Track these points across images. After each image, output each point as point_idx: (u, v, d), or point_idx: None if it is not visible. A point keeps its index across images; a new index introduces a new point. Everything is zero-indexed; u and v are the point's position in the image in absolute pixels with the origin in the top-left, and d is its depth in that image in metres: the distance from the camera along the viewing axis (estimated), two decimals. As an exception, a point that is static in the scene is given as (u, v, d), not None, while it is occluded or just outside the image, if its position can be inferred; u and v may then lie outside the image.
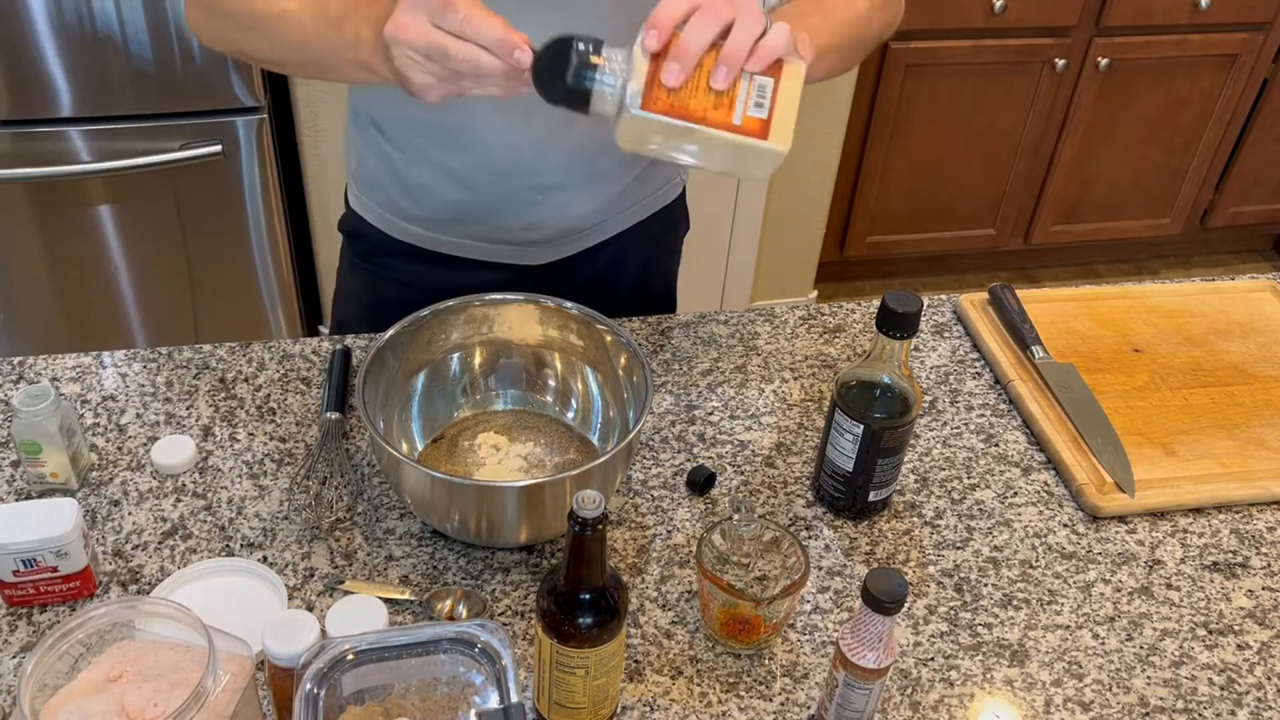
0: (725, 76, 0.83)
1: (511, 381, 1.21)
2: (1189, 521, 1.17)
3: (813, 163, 2.68)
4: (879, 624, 0.85)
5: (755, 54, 0.84)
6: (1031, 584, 1.09)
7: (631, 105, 0.83)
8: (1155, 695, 1.00)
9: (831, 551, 1.10)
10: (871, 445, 1.06)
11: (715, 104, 0.84)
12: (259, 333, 2.40)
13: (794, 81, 0.85)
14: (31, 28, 1.91)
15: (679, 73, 0.83)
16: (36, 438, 1.05)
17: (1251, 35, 2.83)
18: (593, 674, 0.87)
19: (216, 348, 1.28)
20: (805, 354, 1.34)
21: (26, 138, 2.03)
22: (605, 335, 1.13)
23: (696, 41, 0.83)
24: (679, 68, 0.83)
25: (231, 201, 2.19)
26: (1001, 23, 2.65)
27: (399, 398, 1.14)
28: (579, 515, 0.80)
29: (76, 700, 0.77)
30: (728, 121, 0.84)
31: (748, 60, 0.84)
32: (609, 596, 0.85)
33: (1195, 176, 3.10)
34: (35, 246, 2.17)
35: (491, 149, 1.18)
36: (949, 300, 1.45)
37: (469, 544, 1.07)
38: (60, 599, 1.00)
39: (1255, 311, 1.45)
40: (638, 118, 0.83)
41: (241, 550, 1.06)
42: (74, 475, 1.09)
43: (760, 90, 0.85)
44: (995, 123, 2.85)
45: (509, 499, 1.01)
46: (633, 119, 0.83)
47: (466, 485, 1.04)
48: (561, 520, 0.94)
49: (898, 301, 1.00)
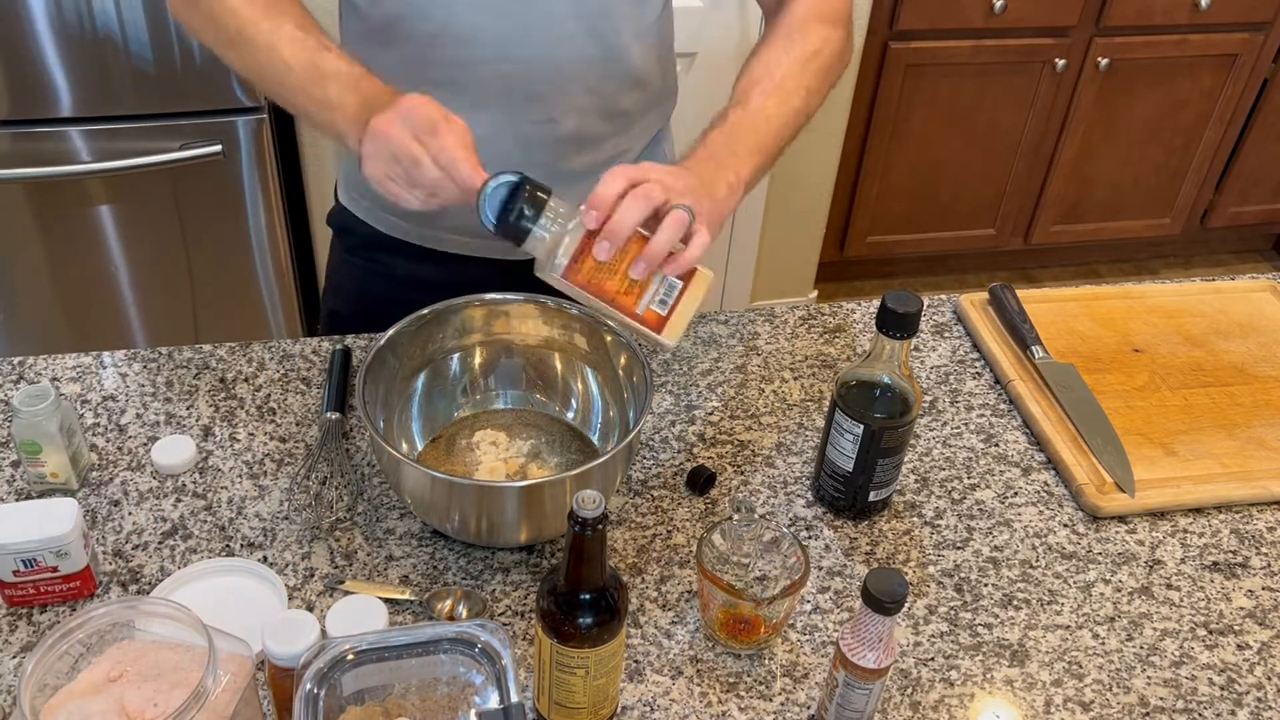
0: (643, 270, 0.93)
1: (511, 381, 1.21)
2: (1189, 521, 1.17)
3: (813, 163, 2.68)
4: (879, 624, 0.85)
5: (675, 261, 0.94)
6: (1031, 584, 1.09)
7: (557, 269, 0.94)
8: (1155, 695, 1.00)
9: (831, 551, 1.10)
10: (871, 445, 1.06)
11: (626, 289, 0.95)
12: (259, 333, 2.40)
13: (699, 289, 0.96)
14: (31, 28, 1.91)
15: (609, 250, 0.93)
16: (36, 438, 1.05)
17: (1251, 35, 2.83)
18: (593, 674, 0.87)
19: (216, 348, 1.28)
20: (805, 354, 1.34)
21: (26, 138, 2.03)
22: (605, 335, 1.13)
23: (625, 223, 0.92)
24: (609, 246, 0.92)
25: (231, 201, 2.19)
26: (1001, 23, 2.65)
27: (399, 398, 1.14)
28: (579, 515, 0.80)
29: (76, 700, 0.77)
30: (632, 309, 0.95)
31: (666, 263, 0.94)
32: (609, 596, 0.85)
33: (1195, 176, 3.09)
34: (35, 246, 2.17)
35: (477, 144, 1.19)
36: (949, 300, 1.45)
37: (469, 544, 1.07)
38: (60, 599, 0.99)
39: (1255, 311, 1.45)
40: (561, 280, 0.95)
41: (241, 550, 1.06)
42: (74, 475, 1.09)
43: (669, 290, 0.95)
44: (995, 123, 2.85)
45: (509, 499, 1.01)
46: (557, 280, 0.95)
47: (466, 485, 1.04)
48: (561, 520, 0.94)
49: (898, 301, 1.00)
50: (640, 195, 0.92)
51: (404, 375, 1.14)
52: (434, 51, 1.14)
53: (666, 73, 1.28)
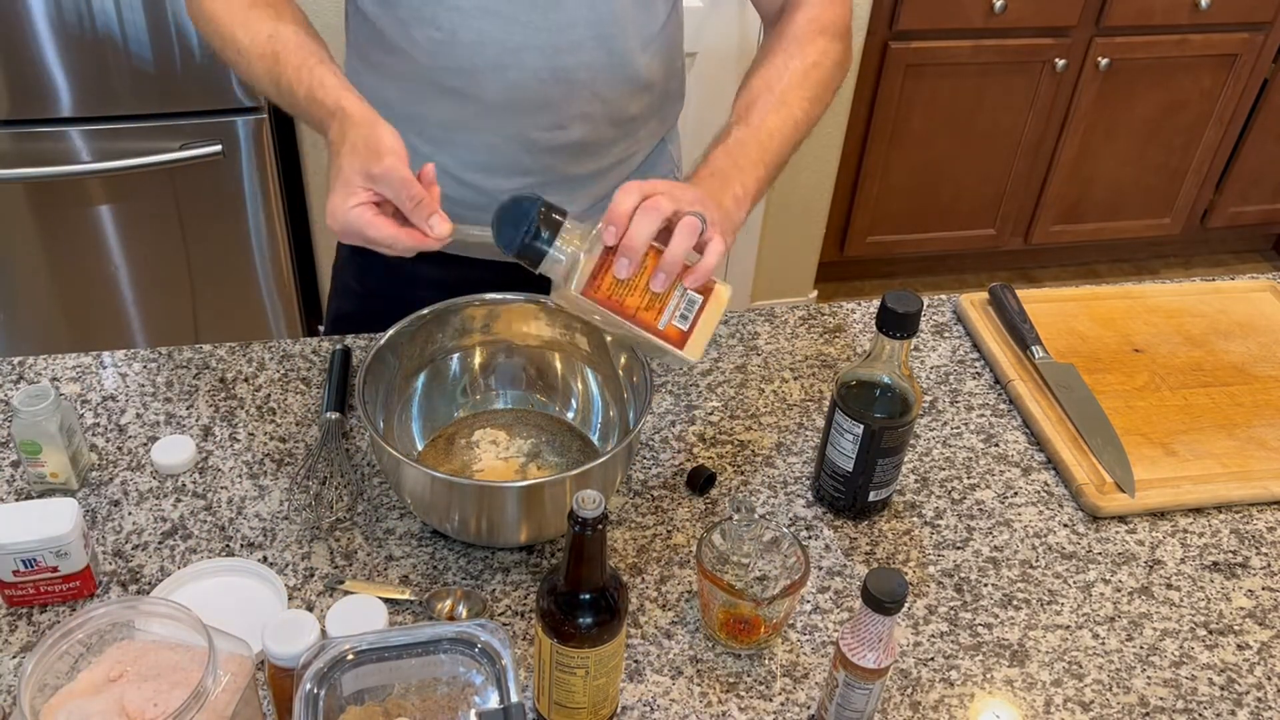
0: (663, 282, 0.93)
1: (511, 381, 1.21)
2: (1189, 521, 1.17)
3: (813, 162, 2.68)
4: (879, 624, 0.85)
5: (693, 271, 0.94)
6: (1031, 584, 1.09)
7: (577, 287, 0.93)
8: (1155, 695, 1.00)
9: (831, 551, 1.10)
10: (871, 445, 1.06)
11: (648, 305, 0.94)
12: (259, 333, 2.40)
13: (718, 303, 0.96)
14: (31, 28, 1.91)
15: (629, 266, 0.92)
16: (36, 438, 1.05)
17: (1251, 35, 2.83)
18: (592, 674, 0.87)
19: (216, 348, 1.28)
20: (805, 354, 1.34)
21: (26, 138, 2.03)
22: (605, 335, 1.13)
23: (640, 236, 0.92)
24: (628, 262, 0.92)
25: (231, 201, 2.19)
26: (1001, 23, 2.65)
27: (399, 398, 1.14)
28: (579, 515, 0.80)
29: (76, 700, 0.77)
30: (654, 325, 0.94)
31: (685, 275, 0.94)
32: (609, 596, 0.85)
33: (1195, 176, 3.09)
34: (35, 246, 2.17)
35: (478, 148, 1.20)
36: (949, 300, 1.45)
37: (469, 544, 1.07)
38: (60, 599, 0.99)
39: (1255, 311, 1.45)
40: (580, 299, 0.94)
41: (241, 550, 1.06)
42: (74, 475, 1.09)
43: (689, 305, 0.95)
44: (995, 123, 2.85)
45: (509, 499, 1.01)
46: (576, 299, 0.94)
47: (466, 485, 1.04)
48: (561, 520, 0.94)
49: (898, 301, 1.00)
50: (650, 208, 0.92)
51: (404, 375, 1.14)
52: (441, 59, 1.14)
53: (673, 77, 1.28)
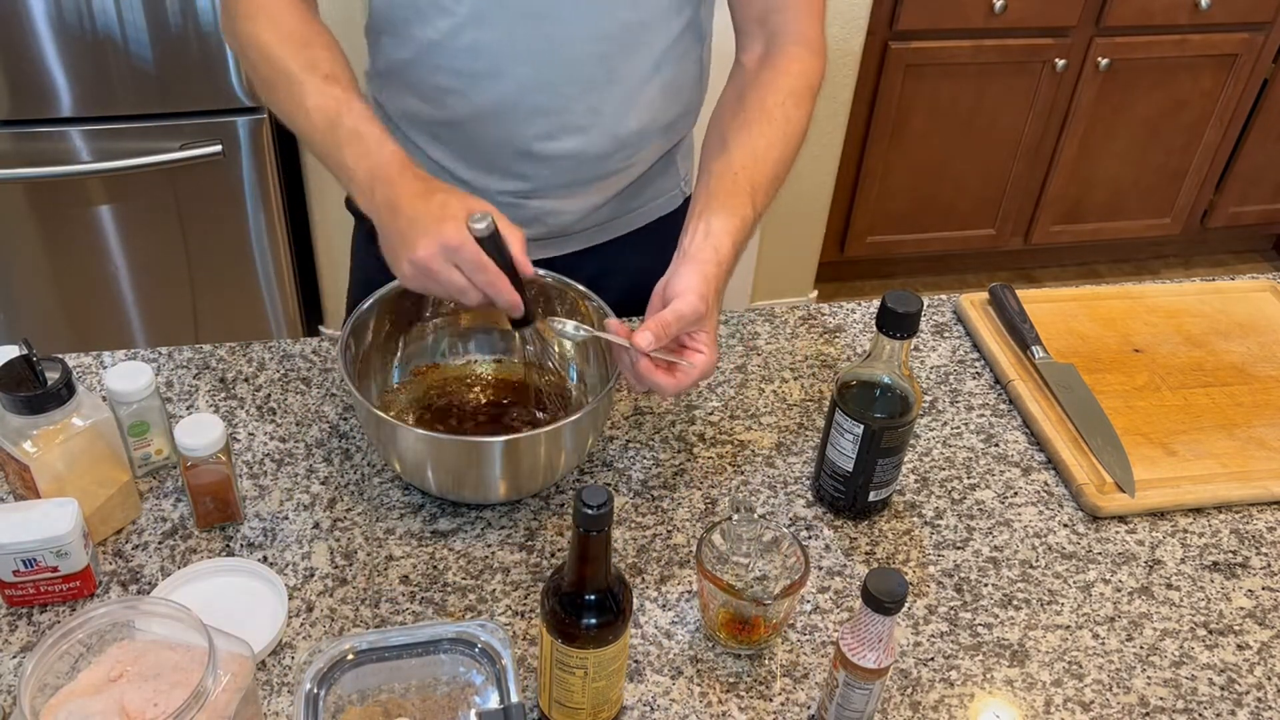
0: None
1: (491, 349, 1.24)
2: (1189, 521, 1.17)
3: (813, 162, 2.68)
4: (879, 624, 0.85)
5: (681, 378, 1.01)
6: (1031, 584, 1.09)
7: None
8: (1155, 695, 1.00)
9: (831, 551, 1.10)
10: (871, 445, 1.06)
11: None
12: (259, 333, 2.40)
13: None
14: (31, 28, 1.91)
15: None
16: (145, 417, 1.05)
17: (1251, 35, 2.83)
18: (592, 676, 0.87)
19: (216, 348, 1.28)
20: (805, 354, 1.34)
21: (26, 138, 2.03)
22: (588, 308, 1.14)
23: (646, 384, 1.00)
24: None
25: (231, 201, 2.19)
26: (1001, 23, 2.65)
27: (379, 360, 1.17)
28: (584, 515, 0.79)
29: (76, 700, 0.77)
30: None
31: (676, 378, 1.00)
32: (614, 597, 0.85)
33: (1195, 176, 3.10)
34: (35, 246, 2.17)
35: (485, 149, 1.20)
36: (949, 300, 1.45)
37: (468, 543, 1.07)
38: (60, 599, 1.00)
39: (1255, 311, 1.45)
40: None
41: (241, 550, 1.06)
42: (173, 450, 1.09)
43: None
44: (995, 123, 2.85)
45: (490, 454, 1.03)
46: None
47: (446, 441, 1.06)
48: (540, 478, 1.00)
49: (898, 301, 1.00)
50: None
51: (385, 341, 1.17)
52: (437, 58, 1.14)
53: (684, 98, 1.26)
